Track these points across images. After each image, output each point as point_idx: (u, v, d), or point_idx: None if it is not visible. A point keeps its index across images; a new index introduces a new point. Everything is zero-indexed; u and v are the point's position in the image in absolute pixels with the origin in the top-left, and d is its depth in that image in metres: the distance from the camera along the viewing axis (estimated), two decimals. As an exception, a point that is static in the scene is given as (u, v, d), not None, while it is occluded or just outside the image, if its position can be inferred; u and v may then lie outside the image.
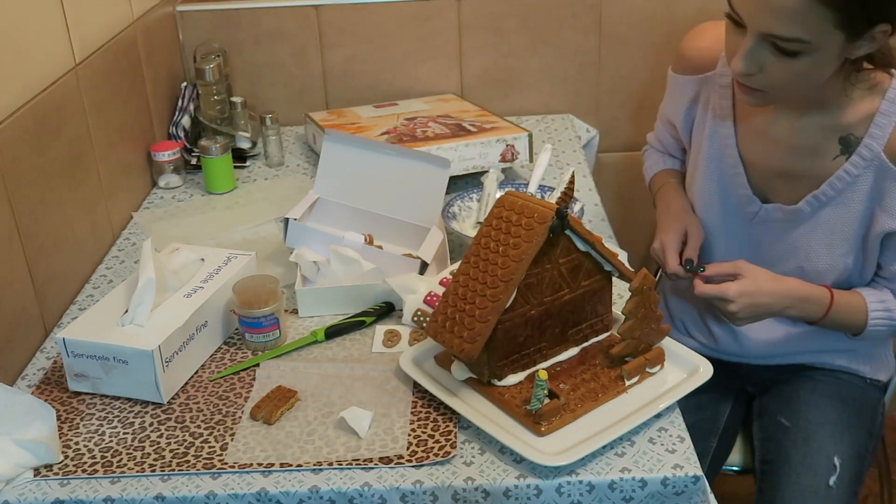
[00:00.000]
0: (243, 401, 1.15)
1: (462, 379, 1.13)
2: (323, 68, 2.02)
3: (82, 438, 1.10)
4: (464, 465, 1.03)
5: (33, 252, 1.30)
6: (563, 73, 2.04)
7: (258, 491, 1.01)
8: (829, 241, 1.32)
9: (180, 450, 1.07)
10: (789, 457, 1.37)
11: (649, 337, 1.15)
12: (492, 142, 1.66)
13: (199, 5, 1.98)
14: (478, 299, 1.06)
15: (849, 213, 1.29)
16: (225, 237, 1.57)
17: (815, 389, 1.43)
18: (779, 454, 1.38)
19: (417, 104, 1.95)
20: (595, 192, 1.71)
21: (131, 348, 1.11)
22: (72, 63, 1.45)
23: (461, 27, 1.99)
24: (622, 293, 1.29)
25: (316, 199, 1.46)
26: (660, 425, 1.08)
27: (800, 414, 1.41)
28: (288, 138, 1.99)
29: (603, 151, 2.12)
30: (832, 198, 1.29)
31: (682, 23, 1.99)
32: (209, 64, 1.84)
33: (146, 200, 1.74)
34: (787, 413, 1.42)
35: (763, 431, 1.45)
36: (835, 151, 1.27)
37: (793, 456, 1.37)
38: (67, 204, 1.41)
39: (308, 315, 1.33)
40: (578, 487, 1.01)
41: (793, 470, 1.35)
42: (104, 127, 1.56)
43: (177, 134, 1.85)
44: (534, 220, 1.06)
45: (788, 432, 1.39)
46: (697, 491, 1.02)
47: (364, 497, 1.01)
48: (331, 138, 1.45)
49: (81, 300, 1.41)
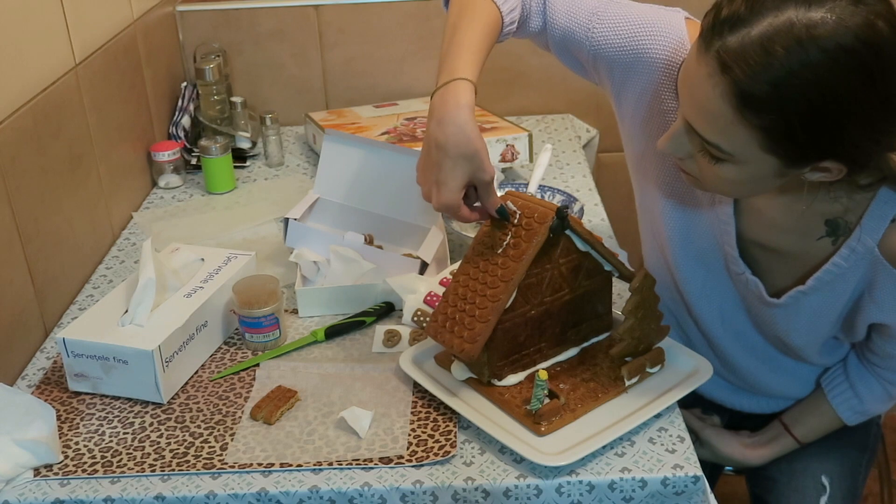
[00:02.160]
0: (243, 401, 1.15)
1: (462, 379, 1.13)
2: (323, 68, 2.02)
3: (82, 438, 1.10)
4: (464, 465, 1.03)
5: (33, 252, 1.30)
6: (563, 73, 2.01)
7: (258, 491, 1.01)
8: (811, 325, 1.20)
9: (180, 450, 1.07)
10: (776, 482, 1.35)
11: (649, 337, 1.15)
12: (492, 142, 1.66)
13: (199, 5, 1.98)
14: (478, 299, 1.06)
15: (835, 301, 1.15)
16: (225, 237, 1.57)
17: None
18: (766, 481, 1.36)
19: (417, 104, 1.95)
20: (595, 192, 1.71)
21: (131, 348, 1.11)
22: (72, 63, 1.45)
23: (461, 27, 1.99)
24: (622, 293, 1.29)
25: (316, 199, 1.46)
26: (660, 425, 1.08)
27: None
28: (288, 138, 1.99)
29: (603, 151, 2.12)
30: (817, 289, 1.15)
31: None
32: (209, 64, 1.84)
33: (146, 200, 1.74)
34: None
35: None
36: (819, 232, 1.11)
37: (779, 480, 1.34)
38: (67, 204, 1.41)
39: (308, 315, 1.33)
40: (578, 487, 1.01)
41: (781, 494, 1.33)
42: (104, 127, 1.56)
43: (177, 134, 1.85)
44: (534, 220, 1.06)
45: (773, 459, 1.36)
46: (697, 491, 1.02)
47: (364, 497, 1.01)
48: (331, 138, 1.45)
49: (81, 300, 1.41)
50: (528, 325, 1.11)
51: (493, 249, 1.08)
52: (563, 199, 1.53)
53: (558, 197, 1.54)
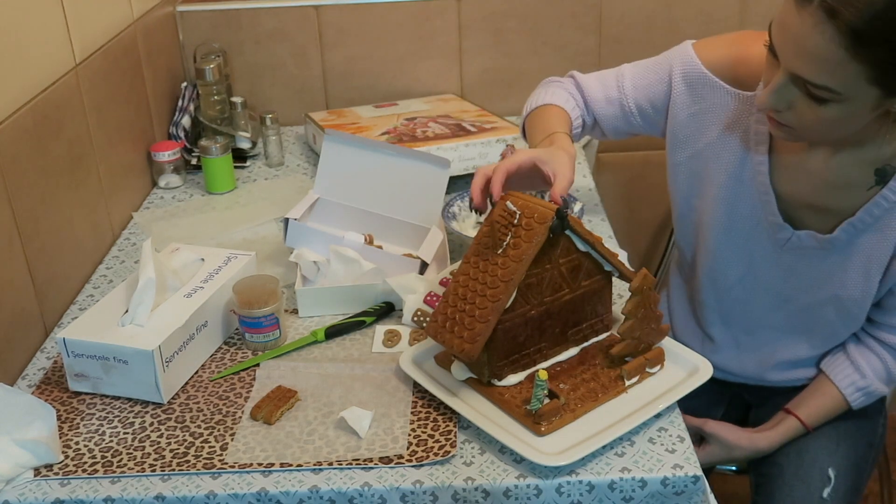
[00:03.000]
0: (243, 401, 1.16)
1: (462, 379, 1.13)
2: (323, 68, 2.02)
3: (82, 438, 1.10)
4: (464, 465, 1.03)
5: (33, 252, 1.30)
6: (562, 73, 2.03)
7: (258, 491, 1.01)
8: (866, 268, 1.25)
9: (180, 450, 1.07)
10: (782, 469, 1.36)
11: (649, 337, 1.15)
12: (492, 142, 1.66)
13: (199, 5, 1.98)
14: (478, 299, 1.06)
15: (886, 240, 1.23)
16: (225, 237, 1.57)
17: None
18: (773, 467, 1.38)
19: (417, 104, 1.95)
20: (595, 192, 1.71)
21: (131, 348, 1.11)
22: (72, 63, 1.45)
23: (461, 27, 1.99)
24: (622, 293, 1.29)
25: (316, 199, 1.46)
26: (660, 425, 1.08)
27: None
28: (288, 138, 1.99)
29: (603, 151, 2.12)
30: (869, 224, 1.22)
31: (682, 23, 1.99)
32: (209, 64, 1.84)
33: (146, 200, 1.74)
34: None
35: None
36: (870, 182, 1.20)
37: (786, 468, 1.36)
38: (67, 204, 1.41)
39: (308, 315, 1.33)
40: (578, 487, 1.01)
41: (785, 483, 1.34)
42: (104, 127, 1.56)
43: (177, 134, 1.85)
44: (534, 220, 1.06)
45: (782, 445, 1.38)
46: (697, 491, 1.02)
47: (364, 497, 1.01)
48: (331, 138, 1.45)
49: (81, 300, 1.41)
50: (528, 325, 1.11)
51: (493, 249, 1.08)
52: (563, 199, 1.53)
53: (558, 197, 1.54)
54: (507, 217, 1.09)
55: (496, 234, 1.09)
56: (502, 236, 1.08)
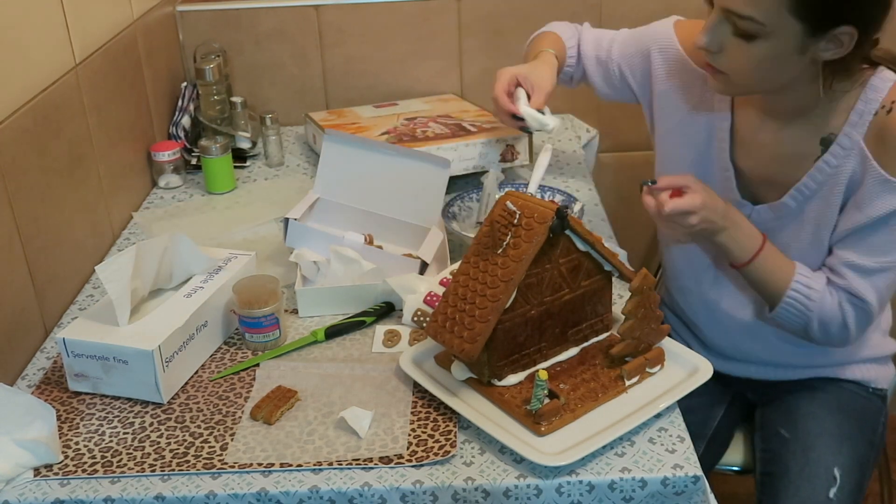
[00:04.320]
0: (243, 401, 1.15)
1: (462, 379, 1.13)
2: (323, 68, 2.02)
3: (82, 438, 1.10)
4: (464, 465, 1.03)
5: (33, 252, 1.30)
6: (562, 73, 2.04)
7: (258, 491, 1.01)
8: (816, 236, 1.29)
9: (180, 450, 1.07)
10: (788, 469, 1.36)
11: (649, 337, 1.15)
12: (492, 142, 1.66)
13: (199, 5, 1.98)
14: (478, 299, 1.06)
15: (831, 206, 1.26)
16: (225, 237, 1.57)
17: (816, 400, 1.42)
18: (778, 466, 1.37)
19: (417, 104, 1.95)
20: (595, 192, 1.71)
21: (131, 348, 1.11)
22: (72, 63, 1.45)
23: (461, 27, 1.99)
24: (622, 293, 1.29)
25: (316, 199, 1.46)
26: (660, 425, 1.08)
27: (799, 425, 1.39)
28: (288, 138, 1.99)
29: (603, 151, 2.11)
30: (815, 190, 1.27)
31: (682, 23, 1.99)
32: (209, 64, 1.84)
33: (146, 200, 1.74)
34: (787, 424, 1.41)
35: (764, 443, 1.44)
36: (817, 153, 1.26)
37: (792, 468, 1.35)
38: (67, 204, 1.41)
39: (308, 315, 1.33)
40: (578, 487, 1.01)
41: (791, 482, 1.34)
42: (104, 127, 1.56)
43: (177, 134, 1.85)
44: (534, 220, 1.06)
45: (788, 444, 1.38)
46: (697, 491, 1.02)
47: (364, 497, 1.01)
48: (331, 138, 1.45)
49: (81, 300, 1.41)
50: (528, 325, 1.11)
51: (493, 249, 1.08)
52: (563, 199, 1.53)
53: (558, 197, 1.54)
54: (507, 217, 1.09)
55: (496, 234, 1.09)
56: (502, 236, 1.08)
